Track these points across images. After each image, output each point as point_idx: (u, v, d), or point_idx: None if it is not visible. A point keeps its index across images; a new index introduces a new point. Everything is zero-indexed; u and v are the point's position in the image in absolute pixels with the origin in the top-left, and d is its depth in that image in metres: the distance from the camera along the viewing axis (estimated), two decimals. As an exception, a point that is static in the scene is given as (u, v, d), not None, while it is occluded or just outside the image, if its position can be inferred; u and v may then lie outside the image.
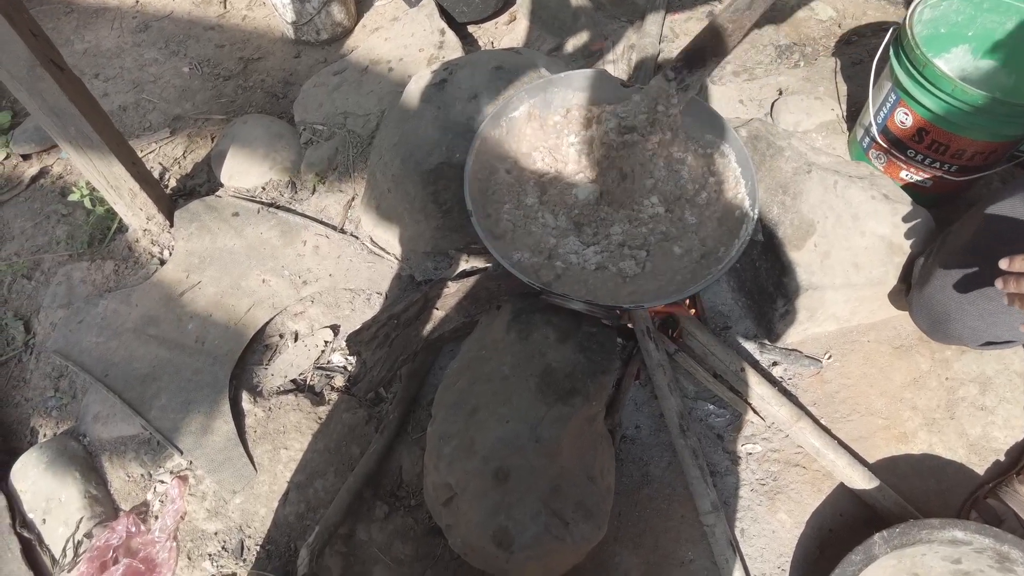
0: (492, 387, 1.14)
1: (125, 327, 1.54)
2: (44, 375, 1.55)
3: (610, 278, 1.24)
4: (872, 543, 1.07)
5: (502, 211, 1.32)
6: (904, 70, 1.36)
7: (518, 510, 1.02)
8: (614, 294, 1.21)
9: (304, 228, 1.67)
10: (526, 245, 1.26)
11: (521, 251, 1.25)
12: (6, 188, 1.89)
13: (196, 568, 1.29)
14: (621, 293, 1.22)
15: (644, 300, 1.20)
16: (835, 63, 1.88)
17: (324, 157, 1.78)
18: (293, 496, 1.33)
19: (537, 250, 1.26)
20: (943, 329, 1.15)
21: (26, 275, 1.72)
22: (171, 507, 1.33)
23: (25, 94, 1.33)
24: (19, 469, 1.37)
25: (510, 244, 1.26)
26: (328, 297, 1.58)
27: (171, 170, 1.87)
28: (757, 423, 1.33)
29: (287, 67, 2.11)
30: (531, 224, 1.30)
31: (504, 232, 1.28)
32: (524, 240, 1.27)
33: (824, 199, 1.31)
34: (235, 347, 1.49)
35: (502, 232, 1.28)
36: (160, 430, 1.40)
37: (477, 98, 1.42)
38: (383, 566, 1.24)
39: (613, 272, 1.25)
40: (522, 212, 1.33)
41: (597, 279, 1.24)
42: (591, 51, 1.98)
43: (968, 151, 1.36)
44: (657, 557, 1.22)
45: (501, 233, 1.27)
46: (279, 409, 1.43)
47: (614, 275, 1.24)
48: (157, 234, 1.71)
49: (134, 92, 2.07)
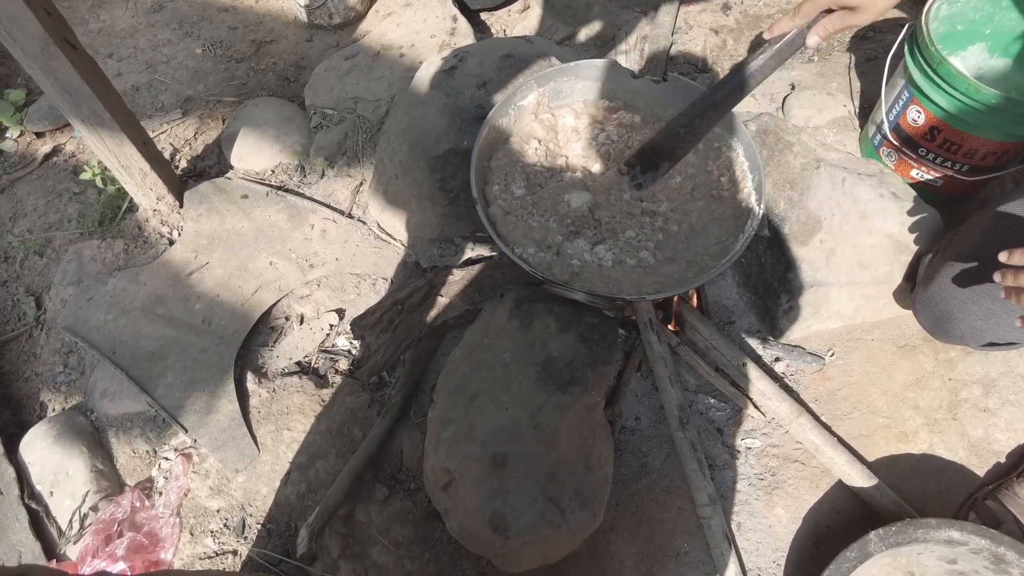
0: (493, 374, 1.15)
1: (133, 305, 1.55)
2: (54, 351, 1.57)
3: (631, 270, 1.24)
4: (868, 540, 1.07)
5: (500, 199, 1.31)
6: (918, 67, 1.35)
7: (515, 496, 1.03)
8: (638, 285, 1.21)
9: (312, 212, 1.68)
10: (531, 240, 1.26)
11: (525, 246, 1.24)
12: (20, 165, 1.91)
13: (198, 544, 1.31)
14: (645, 283, 1.22)
15: (667, 288, 1.20)
16: (849, 59, 1.86)
17: (333, 142, 1.78)
18: (295, 476, 1.35)
19: (544, 245, 1.26)
20: (945, 328, 1.14)
21: (38, 252, 1.74)
22: (175, 484, 1.35)
23: (39, 72, 1.35)
24: (28, 442, 1.40)
25: (515, 237, 1.25)
26: (334, 281, 1.59)
27: (182, 151, 1.89)
28: (757, 418, 1.33)
29: (299, 51, 2.12)
30: (530, 219, 1.30)
31: (507, 224, 1.28)
32: (528, 234, 1.27)
33: (832, 196, 1.30)
34: (241, 328, 1.51)
35: (506, 224, 1.28)
36: (165, 408, 1.42)
37: (486, 85, 1.42)
38: (381, 548, 1.25)
39: (633, 264, 1.25)
40: (518, 203, 1.32)
41: (619, 273, 1.23)
42: (603, 41, 1.97)
43: (980, 151, 1.35)
44: (653, 548, 1.23)
45: (504, 225, 1.27)
46: (283, 390, 1.44)
47: (634, 267, 1.24)
48: (167, 214, 1.72)
49: (147, 72, 2.08)
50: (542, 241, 1.26)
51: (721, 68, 1.92)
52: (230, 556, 1.30)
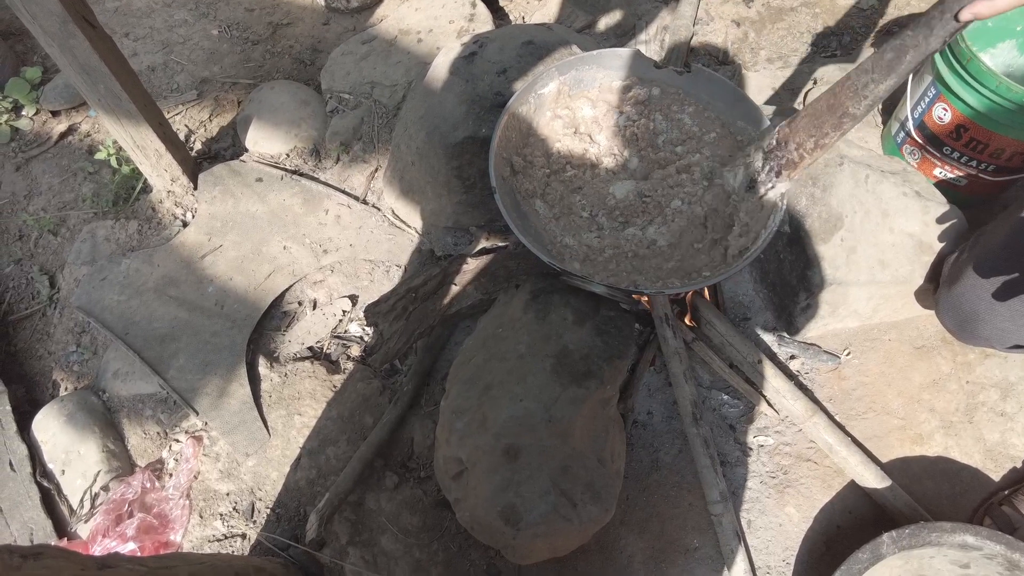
0: (507, 365, 1.14)
1: (146, 287, 1.55)
2: (67, 330, 1.58)
3: (674, 250, 1.27)
4: (880, 542, 1.06)
5: (538, 199, 1.33)
6: (947, 64, 1.32)
7: (527, 488, 1.03)
8: (674, 270, 1.23)
9: (326, 197, 1.67)
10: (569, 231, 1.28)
11: (565, 239, 1.28)
12: (35, 144, 1.90)
13: (207, 527, 1.32)
14: (671, 269, 1.25)
15: (687, 283, 1.22)
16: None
17: (349, 127, 1.77)
18: (305, 462, 1.35)
19: (591, 235, 1.29)
20: (971, 329, 1.13)
21: (52, 231, 1.74)
22: (185, 466, 1.35)
23: (56, 50, 1.34)
24: (40, 420, 1.40)
25: (556, 230, 1.27)
26: (348, 267, 1.58)
27: (197, 133, 1.88)
28: (771, 416, 1.32)
29: (316, 34, 2.10)
30: (573, 218, 1.32)
31: (541, 220, 1.29)
32: (571, 230, 1.29)
33: (854, 193, 1.28)
34: (254, 312, 1.51)
35: (538, 220, 1.29)
36: (177, 390, 1.42)
37: (506, 73, 1.41)
38: (390, 535, 1.25)
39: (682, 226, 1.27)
40: (559, 205, 1.34)
41: (658, 257, 1.26)
42: (623, 31, 1.94)
43: (1008, 151, 1.33)
44: (662, 543, 1.23)
45: (536, 221, 1.29)
46: (295, 375, 1.44)
47: (684, 243, 1.27)
48: (181, 196, 1.72)
49: (163, 53, 2.07)
50: (585, 232, 1.29)
51: (742, 61, 1.89)
52: (239, 539, 1.31)
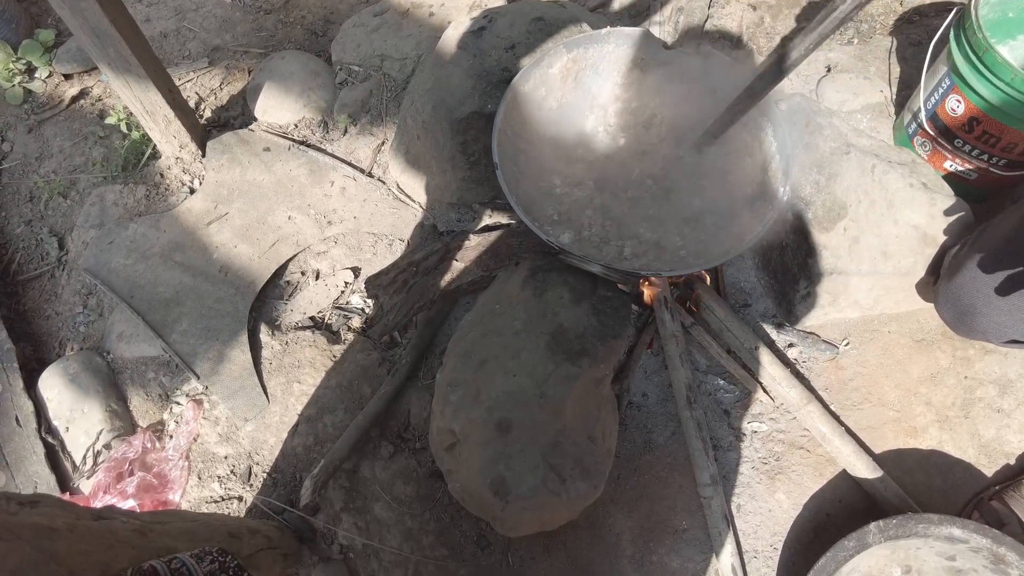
0: (503, 341, 1.15)
1: (152, 251, 1.57)
2: (74, 291, 1.60)
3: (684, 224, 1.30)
4: (867, 531, 1.07)
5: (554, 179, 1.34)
6: (963, 54, 1.30)
7: (517, 461, 1.04)
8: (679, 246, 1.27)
9: (333, 169, 1.68)
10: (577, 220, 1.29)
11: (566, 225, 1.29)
12: (47, 106, 1.92)
13: (205, 488, 1.34)
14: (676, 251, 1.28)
15: (686, 265, 1.23)
16: (891, 42, 1.79)
17: (358, 99, 1.77)
18: (302, 428, 1.37)
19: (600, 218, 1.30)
20: (968, 322, 1.12)
21: (62, 193, 1.76)
22: (185, 428, 1.37)
23: (68, 12, 1.34)
24: (47, 378, 1.43)
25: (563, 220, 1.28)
26: (351, 239, 1.59)
27: (206, 100, 1.88)
28: (766, 402, 1.33)
29: (328, 5, 2.09)
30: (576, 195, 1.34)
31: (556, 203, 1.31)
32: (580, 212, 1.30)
33: (860, 182, 1.27)
34: (257, 280, 1.52)
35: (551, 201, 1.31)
36: (179, 354, 1.44)
37: (514, 48, 1.40)
38: (384, 503, 1.28)
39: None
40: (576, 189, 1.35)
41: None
42: (637, 11, 1.92)
43: (1020, 145, 1.31)
44: (651, 523, 1.24)
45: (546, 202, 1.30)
46: (295, 344, 1.46)
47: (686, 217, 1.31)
48: (189, 163, 1.73)
49: (175, 19, 2.07)
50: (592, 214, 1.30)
51: (756, 45, 1.87)
52: (235, 502, 1.33)
